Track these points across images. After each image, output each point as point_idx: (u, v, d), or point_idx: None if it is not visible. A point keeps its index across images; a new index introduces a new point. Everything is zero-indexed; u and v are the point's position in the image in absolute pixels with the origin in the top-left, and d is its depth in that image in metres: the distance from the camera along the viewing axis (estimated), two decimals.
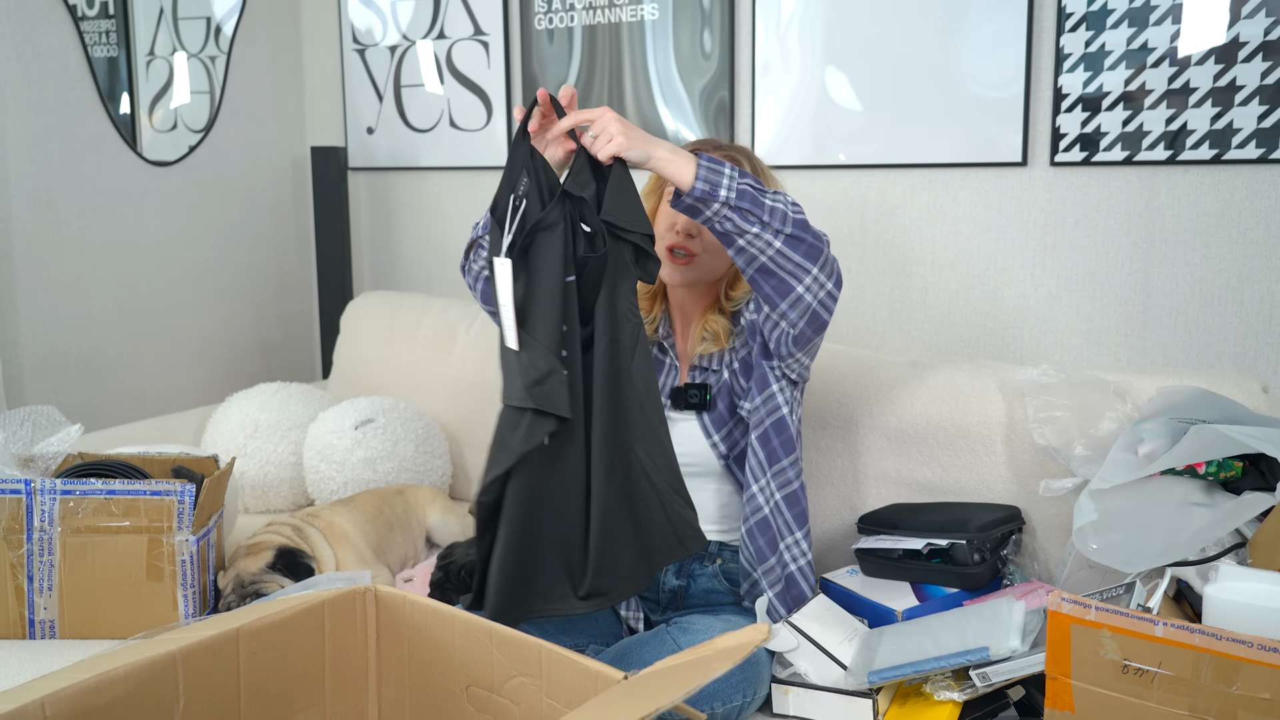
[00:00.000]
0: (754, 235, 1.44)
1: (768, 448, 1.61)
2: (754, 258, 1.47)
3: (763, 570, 1.60)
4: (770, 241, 1.45)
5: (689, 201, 1.42)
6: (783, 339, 1.56)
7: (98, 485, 1.69)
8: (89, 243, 2.59)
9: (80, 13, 2.52)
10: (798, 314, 1.52)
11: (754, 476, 1.62)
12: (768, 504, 1.61)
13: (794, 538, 1.63)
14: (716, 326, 1.70)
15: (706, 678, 0.90)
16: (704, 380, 1.71)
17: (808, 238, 1.48)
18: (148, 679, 0.99)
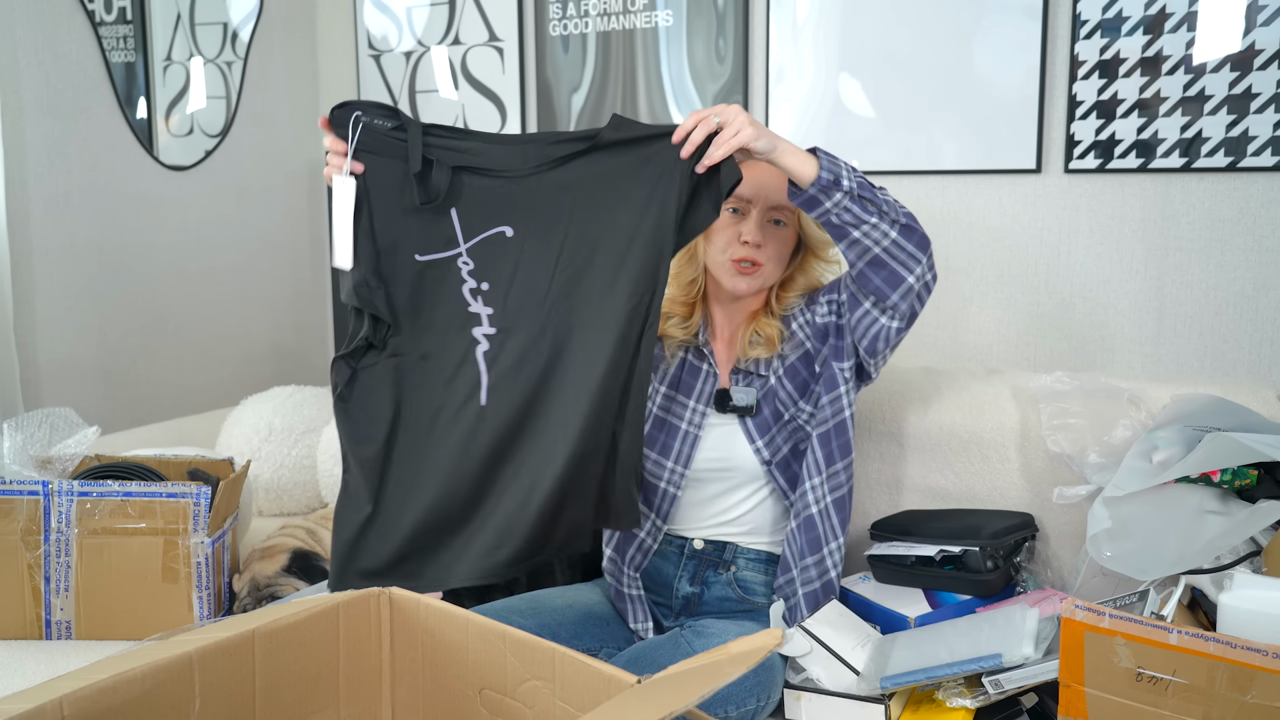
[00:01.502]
0: (872, 225, 1.45)
1: (827, 448, 1.61)
2: (868, 249, 1.48)
3: (799, 569, 1.60)
4: (887, 231, 1.47)
5: (812, 193, 1.43)
6: (884, 335, 1.56)
7: (114, 487, 1.70)
8: (106, 246, 2.60)
9: (99, 18, 2.54)
10: (908, 305, 1.53)
11: (809, 474, 1.62)
12: (817, 504, 1.61)
13: (836, 543, 1.63)
14: (770, 331, 1.68)
15: (720, 682, 0.90)
16: (749, 384, 1.70)
17: (918, 227, 1.51)
18: (164, 680, 1.00)
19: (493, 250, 1.46)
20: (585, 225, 1.45)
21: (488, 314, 1.46)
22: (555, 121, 2.70)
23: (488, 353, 1.46)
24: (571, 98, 2.67)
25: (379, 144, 1.43)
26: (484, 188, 1.45)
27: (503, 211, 1.45)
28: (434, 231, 1.45)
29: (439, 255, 1.46)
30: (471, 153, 1.45)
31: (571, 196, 1.45)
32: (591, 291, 1.44)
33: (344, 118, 1.43)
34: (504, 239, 1.45)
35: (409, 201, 1.44)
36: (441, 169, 1.44)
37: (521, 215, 1.45)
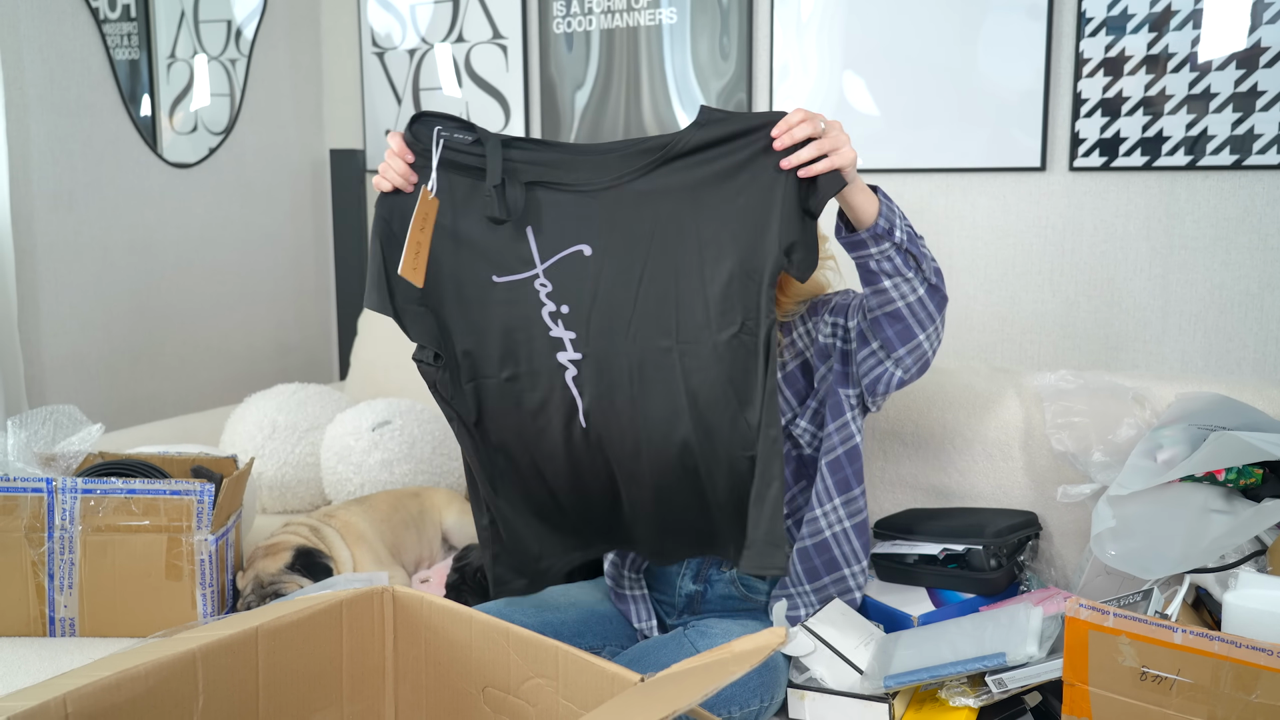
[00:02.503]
0: (905, 279, 1.41)
1: (839, 475, 1.57)
2: (891, 300, 1.43)
3: (814, 587, 1.60)
4: (916, 288, 1.43)
5: (863, 237, 1.37)
6: (885, 379, 1.51)
7: (118, 484, 1.70)
8: (110, 243, 2.61)
9: (103, 15, 2.54)
10: (913, 360, 1.49)
11: (819, 500, 1.58)
12: (830, 528, 1.58)
13: (860, 566, 1.61)
14: None
15: (724, 681, 0.90)
16: None
17: (942, 287, 1.47)
18: (168, 677, 1.00)
19: (571, 270, 1.38)
20: (669, 240, 1.35)
21: (570, 338, 1.39)
22: (559, 119, 2.70)
23: (577, 378, 1.40)
24: (575, 95, 2.67)
25: (456, 159, 1.37)
26: (561, 204, 1.37)
27: (580, 229, 1.37)
28: (510, 252, 1.38)
29: (516, 277, 1.39)
30: (550, 165, 1.37)
31: (653, 209, 1.35)
32: (681, 312, 1.36)
33: (423, 131, 1.38)
34: (582, 258, 1.37)
35: (484, 220, 1.38)
36: (515, 185, 1.36)
37: (600, 232, 1.37)
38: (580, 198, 1.36)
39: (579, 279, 1.37)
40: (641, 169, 1.35)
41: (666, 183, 1.34)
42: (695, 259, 1.34)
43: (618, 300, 1.37)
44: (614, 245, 1.36)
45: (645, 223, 1.35)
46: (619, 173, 1.35)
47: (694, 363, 1.36)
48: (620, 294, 1.37)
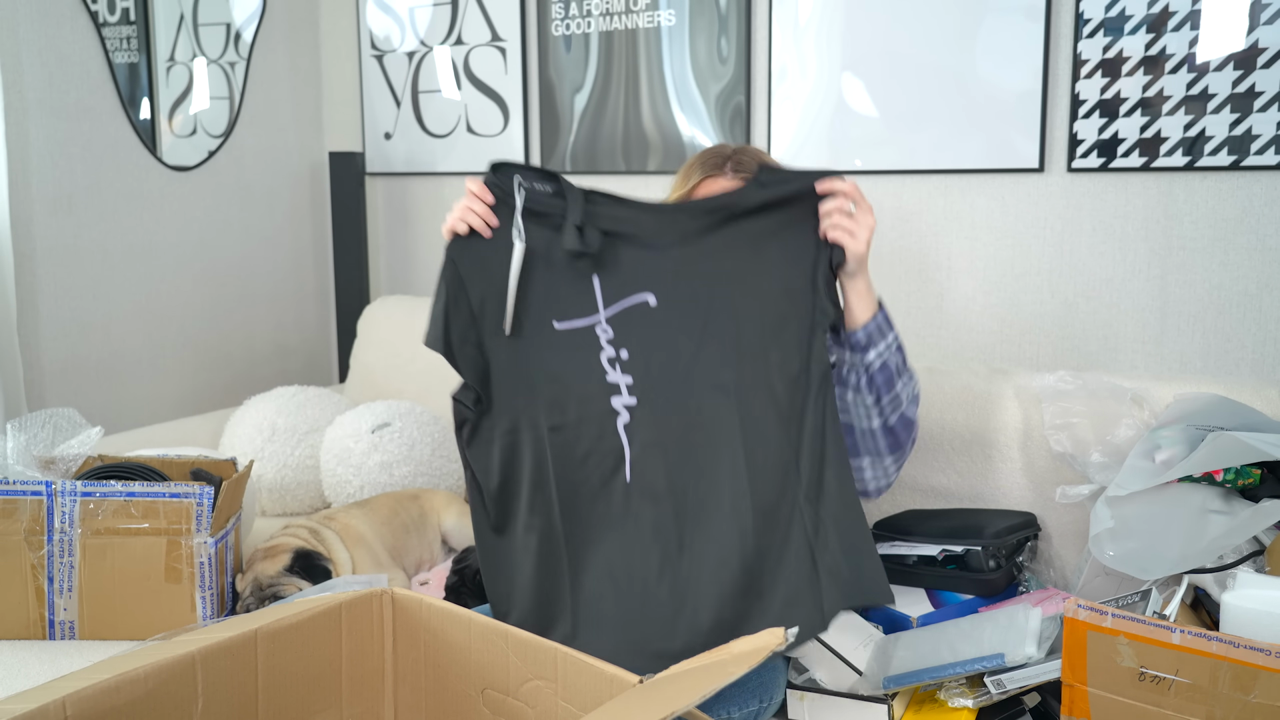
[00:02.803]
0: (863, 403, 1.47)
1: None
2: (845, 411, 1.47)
3: None
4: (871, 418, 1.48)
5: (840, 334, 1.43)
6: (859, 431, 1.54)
7: (117, 487, 1.70)
8: (109, 246, 2.61)
9: (102, 19, 2.54)
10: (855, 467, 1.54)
11: None
12: None
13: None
14: None
15: (723, 681, 0.90)
16: None
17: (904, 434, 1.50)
18: (167, 679, 1.00)
19: (633, 318, 1.42)
20: (729, 294, 1.41)
21: (627, 383, 1.41)
22: (558, 121, 2.70)
23: (629, 425, 1.41)
24: (574, 98, 2.67)
25: (531, 207, 1.42)
26: (629, 256, 1.42)
27: (646, 280, 1.42)
28: (574, 298, 1.42)
29: (577, 323, 1.42)
30: (624, 220, 1.43)
31: (715, 265, 1.41)
32: (741, 361, 1.40)
33: (501, 179, 1.42)
34: (646, 308, 1.42)
35: (554, 267, 1.42)
36: (593, 233, 1.40)
37: (664, 283, 1.41)
38: (647, 251, 1.42)
39: (641, 326, 1.41)
40: (707, 226, 1.42)
41: (729, 239, 1.41)
42: (755, 311, 1.40)
43: (679, 348, 1.40)
44: (678, 296, 1.41)
45: (709, 276, 1.41)
46: (685, 229, 1.42)
47: (751, 410, 1.39)
48: (682, 342, 1.41)
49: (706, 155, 1.68)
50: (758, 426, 1.39)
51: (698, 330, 1.40)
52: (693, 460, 1.39)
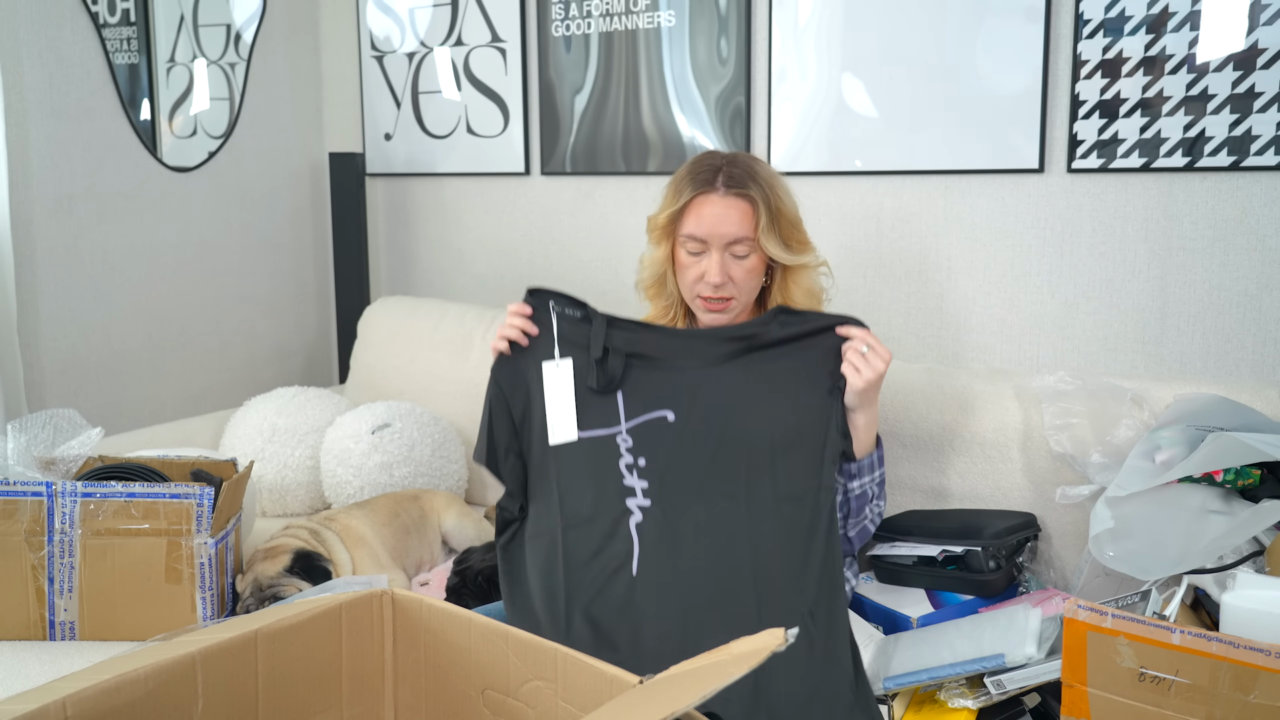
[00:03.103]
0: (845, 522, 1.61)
1: None
2: None
3: None
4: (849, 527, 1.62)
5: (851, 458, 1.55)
6: None
7: (118, 488, 1.70)
8: (110, 248, 2.61)
9: (102, 20, 2.55)
10: None
11: None
12: None
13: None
14: None
15: (723, 682, 0.90)
16: None
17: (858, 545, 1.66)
18: (167, 680, 1.00)
19: (653, 431, 1.52)
20: (744, 417, 1.51)
21: (642, 487, 1.50)
22: (558, 122, 2.71)
23: (640, 524, 1.48)
24: (575, 99, 2.67)
25: (565, 330, 1.56)
26: (651, 377, 1.54)
27: (666, 399, 1.53)
28: (598, 411, 1.53)
29: (600, 432, 1.53)
30: (646, 344, 1.55)
31: (733, 389, 1.52)
32: (750, 477, 1.49)
33: (536, 302, 1.57)
34: (665, 423, 1.52)
35: (580, 384, 1.54)
36: (617, 357, 1.54)
37: (683, 402, 1.52)
38: (668, 372, 1.55)
39: (659, 438, 1.52)
40: (727, 354, 1.54)
41: (747, 367, 1.53)
42: (767, 434, 1.50)
43: (693, 461, 1.50)
44: (695, 414, 1.52)
45: (725, 399, 1.52)
46: (706, 355, 1.55)
47: (760, 524, 1.46)
48: (696, 455, 1.50)
49: (697, 167, 1.67)
50: (766, 540, 1.46)
51: (712, 446, 1.50)
52: (700, 561, 1.46)
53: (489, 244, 2.92)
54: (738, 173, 1.64)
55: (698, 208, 1.62)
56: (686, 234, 1.63)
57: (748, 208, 1.61)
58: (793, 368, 1.53)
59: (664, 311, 1.76)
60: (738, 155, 1.69)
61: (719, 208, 1.61)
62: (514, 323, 1.57)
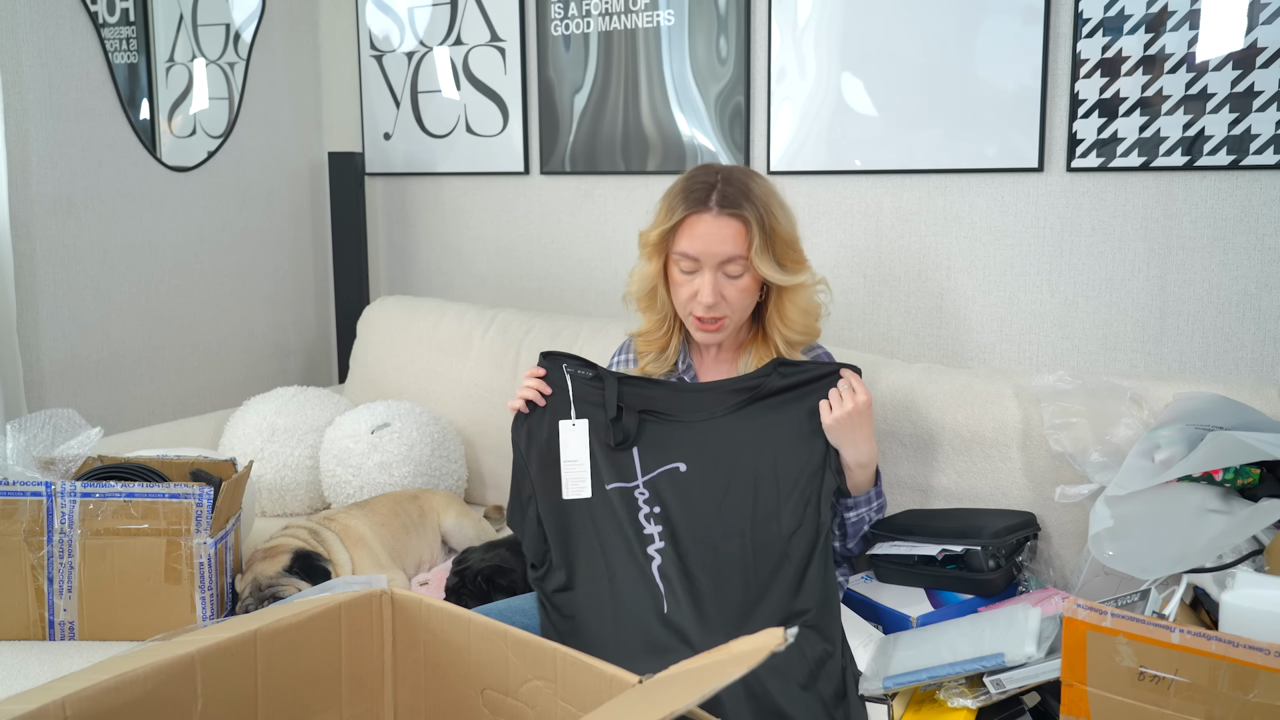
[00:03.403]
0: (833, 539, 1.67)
1: None
2: None
3: None
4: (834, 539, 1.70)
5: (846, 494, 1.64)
6: None
7: (117, 488, 1.70)
8: (109, 247, 2.61)
9: (101, 20, 2.55)
10: None
11: None
12: None
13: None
14: None
15: (722, 682, 0.90)
16: None
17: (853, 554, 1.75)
18: (167, 680, 1.00)
19: (666, 481, 1.62)
20: (751, 463, 1.61)
21: (658, 531, 1.59)
22: (557, 121, 2.71)
23: (661, 567, 1.56)
24: (574, 98, 2.67)
25: (580, 391, 1.67)
26: (663, 431, 1.65)
27: (677, 449, 1.63)
28: (616, 467, 1.63)
29: (620, 485, 1.63)
30: (657, 400, 1.66)
31: (739, 437, 1.62)
32: (755, 516, 1.58)
33: (552, 366, 1.69)
34: (678, 473, 1.62)
35: (598, 441, 1.64)
36: (630, 414, 1.64)
37: (693, 452, 1.63)
38: (680, 426, 1.65)
39: (672, 488, 1.61)
40: (732, 406, 1.64)
41: (751, 417, 1.64)
42: (771, 478, 1.60)
43: (704, 506, 1.60)
44: (704, 463, 1.62)
45: (731, 448, 1.62)
46: (713, 408, 1.65)
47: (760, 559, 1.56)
48: (706, 501, 1.60)
49: (691, 184, 1.66)
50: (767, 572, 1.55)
51: (720, 491, 1.60)
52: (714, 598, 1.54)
53: (488, 243, 2.92)
54: (732, 191, 1.63)
55: (690, 226, 1.63)
56: (679, 252, 1.65)
57: (741, 228, 1.62)
58: (794, 414, 1.63)
59: (657, 325, 1.77)
60: (733, 171, 1.68)
61: (712, 227, 1.62)
62: (530, 384, 1.67)
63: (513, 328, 2.49)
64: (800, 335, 1.72)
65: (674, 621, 1.51)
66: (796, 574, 1.54)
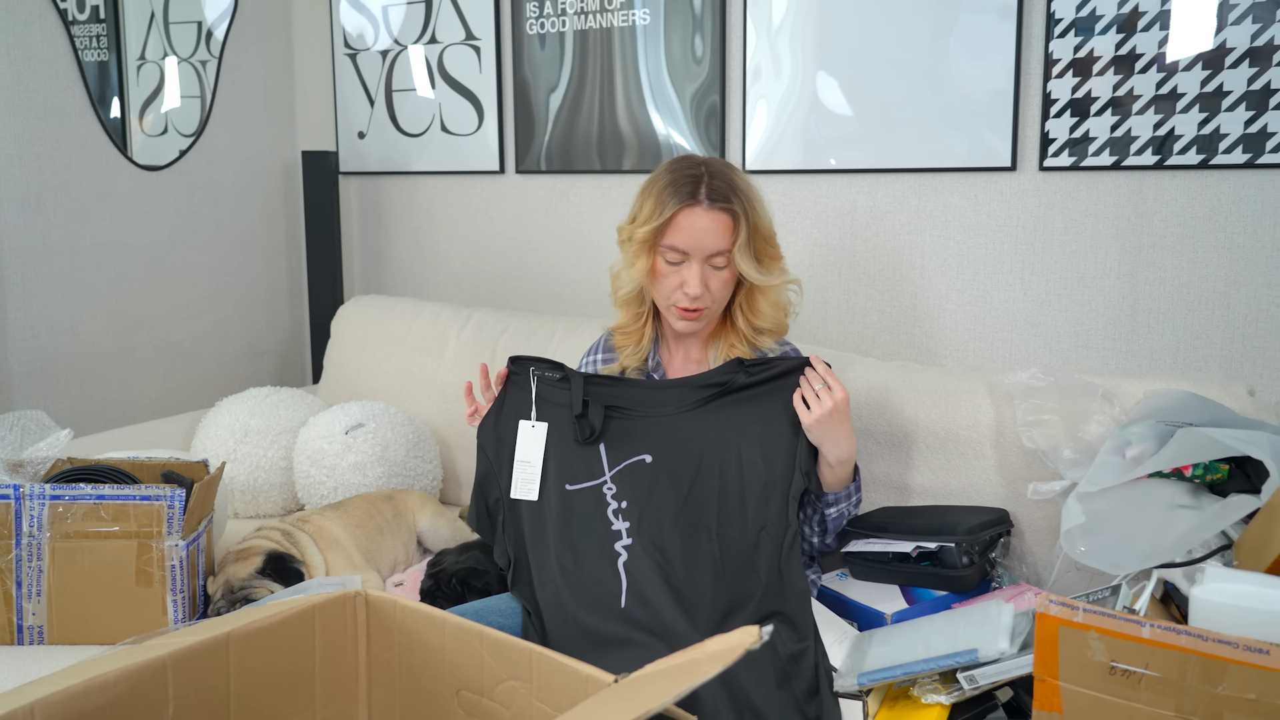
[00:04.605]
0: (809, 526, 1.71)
1: None
2: None
3: None
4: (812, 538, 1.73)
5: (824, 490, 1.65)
6: None
7: (87, 490, 1.68)
8: (79, 247, 2.58)
9: (71, 17, 2.52)
10: None
11: None
12: None
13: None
14: (741, 352, 1.71)
15: (698, 680, 0.90)
16: None
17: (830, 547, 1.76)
18: (137, 684, 0.99)
19: (633, 474, 1.62)
20: (717, 457, 1.61)
21: (625, 527, 1.59)
22: (533, 120, 2.70)
23: (627, 563, 1.56)
24: (549, 97, 2.67)
25: (546, 392, 1.68)
26: (629, 426, 1.65)
27: (644, 443, 1.64)
28: (583, 464, 1.64)
29: (586, 484, 1.63)
30: (623, 397, 1.66)
31: (705, 433, 1.62)
32: (721, 510, 1.59)
33: (519, 371, 1.70)
34: (644, 465, 1.62)
35: (566, 440, 1.65)
36: (596, 409, 1.64)
37: (660, 445, 1.63)
38: (646, 421, 1.65)
39: (639, 480, 1.62)
40: (699, 400, 1.65)
41: (718, 412, 1.64)
42: (737, 472, 1.60)
43: (669, 498, 1.60)
44: (671, 456, 1.62)
45: (698, 442, 1.62)
46: (680, 404, 1.65)
47: (728, 553, 1.57)
48: (671, 494, 1.60)
49: (677, 176, 1.65)
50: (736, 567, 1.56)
51: (687, 484, 1.61)
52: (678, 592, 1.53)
53: (463, 243, 2.91)
54: (719, 185, 1.64)
55: (681, 221, 1.63)
56: (668, 244, 1.64)
57: (729, 221, 1.63)
58: (762, 410, 1.63)
59: (635, 318, 1.77)
60: (713, 163, 1.68)
61: (704, 220, 1.62)
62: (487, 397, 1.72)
63: (488, 327, 2.48)
64: (768, 325, 1.72)
65: (633, 616, 1.51)
66: (766, 569, 1.54)
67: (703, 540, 1.57)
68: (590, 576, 1.56)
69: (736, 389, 1.64)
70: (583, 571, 1.57)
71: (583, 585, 1.56)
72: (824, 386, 1.58)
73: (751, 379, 1.64)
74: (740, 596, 1.53)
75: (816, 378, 1.59)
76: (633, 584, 1.53)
